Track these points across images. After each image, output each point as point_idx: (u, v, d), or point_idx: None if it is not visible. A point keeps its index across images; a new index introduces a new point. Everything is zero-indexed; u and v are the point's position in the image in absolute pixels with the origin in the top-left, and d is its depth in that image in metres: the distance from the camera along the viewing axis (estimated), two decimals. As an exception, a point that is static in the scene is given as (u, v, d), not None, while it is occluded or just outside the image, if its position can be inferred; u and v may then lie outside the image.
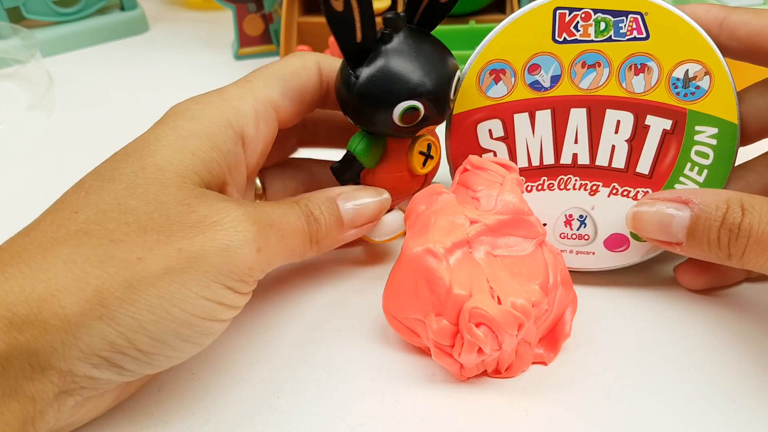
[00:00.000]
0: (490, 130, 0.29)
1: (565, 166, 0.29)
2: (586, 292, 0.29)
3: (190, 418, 0.24)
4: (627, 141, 0.28)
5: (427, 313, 0.24)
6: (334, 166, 0.29)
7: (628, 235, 0.29)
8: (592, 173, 0.29)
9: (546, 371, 0.26)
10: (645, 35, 0.27)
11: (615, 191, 0.29)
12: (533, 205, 0.26)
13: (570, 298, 0.26)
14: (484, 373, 0.25)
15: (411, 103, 0.25)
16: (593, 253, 0.30)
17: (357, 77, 0.25)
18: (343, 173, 0.29)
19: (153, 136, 0.24)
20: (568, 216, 0.29)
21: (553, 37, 0.28)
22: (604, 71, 0.28)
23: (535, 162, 0.29)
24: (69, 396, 0.20)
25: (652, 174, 0.28)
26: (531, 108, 0.29)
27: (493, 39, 0.29)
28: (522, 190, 0.27)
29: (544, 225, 0.27)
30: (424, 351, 0.26)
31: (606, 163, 0.29)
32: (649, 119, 0.28)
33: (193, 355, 0.23)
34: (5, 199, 0.39)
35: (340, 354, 0.27)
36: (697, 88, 0.27)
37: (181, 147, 0.23)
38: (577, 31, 0.28)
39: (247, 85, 0.26)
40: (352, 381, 0.25)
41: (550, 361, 0.26)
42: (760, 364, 0.26)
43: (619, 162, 0.28)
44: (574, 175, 0.29)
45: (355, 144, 0.28)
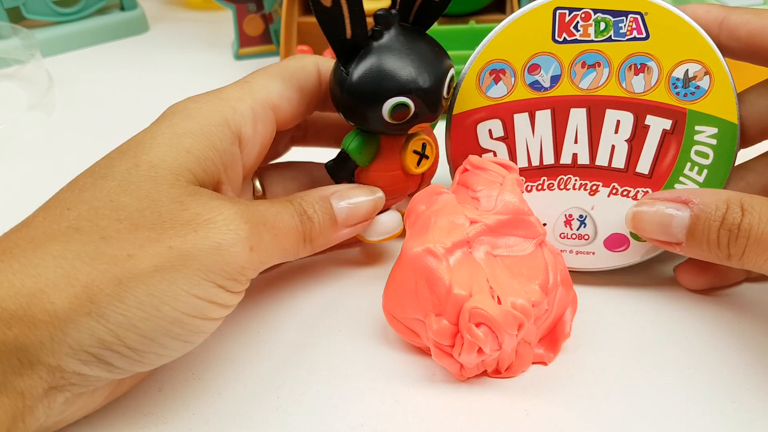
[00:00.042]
0: (490, 130, 0.29)
1: (565, 166, 0.29)
2: (586, 292, 0.29)
3: (189, 418, 0.24)
4: (627, 141, 0.28)
5: (427, 313, 0.24)
6: (328, 164, 0.29)
7: (628, 235, 0.29)
8: (592, 173, 0.29)
9: (546, 371, 0.26)
10: (645, 35, 0.27)
11: (615, 191, 0.29)
12: (533, 205, 0.26)
13: (570, 298, 0.26)
14: (484, 373, 0.25)
15: (400, 100, 0.25)
16: (593, 253, 0.30)
17: (348, 74, 0.25)
18: (337, 171, 0.29)
19: (149, 134, 0.24)
20: (568, 216, 0.29)
21: (553, 37, 0.28)
22: (604, 71, 0.28)
23: (535, 162, 0.29)
24: (59, 392, 0.20)
25: (652, 174, 0.28)
26: (531, 108, 0.29)
27: (493, 39, 0.29)
28: (522, 190, 0.27)
29: (544, 225, 0.27)
30: (424, 351, 0.26)
31: (606, 163, 0.29)
32: (649, 119, 0.28)
33: (184, 354, 0.23)
34: (5, 199, 0.39)
35: (340, 354, 0.27)
36: (697, 88, 0.27)
37: (176, 145, 0.23)
38: (577, 31, 0.28)
39: (246, 85, 0.26)
40: (352, 381, 0.25)
41: (550, 361, 0.26)
42: (760, 364, 0.26)
43: (619, 162, 0.28)
44: (574, 175, 0.29)
45: (349, 142, 0.28)
